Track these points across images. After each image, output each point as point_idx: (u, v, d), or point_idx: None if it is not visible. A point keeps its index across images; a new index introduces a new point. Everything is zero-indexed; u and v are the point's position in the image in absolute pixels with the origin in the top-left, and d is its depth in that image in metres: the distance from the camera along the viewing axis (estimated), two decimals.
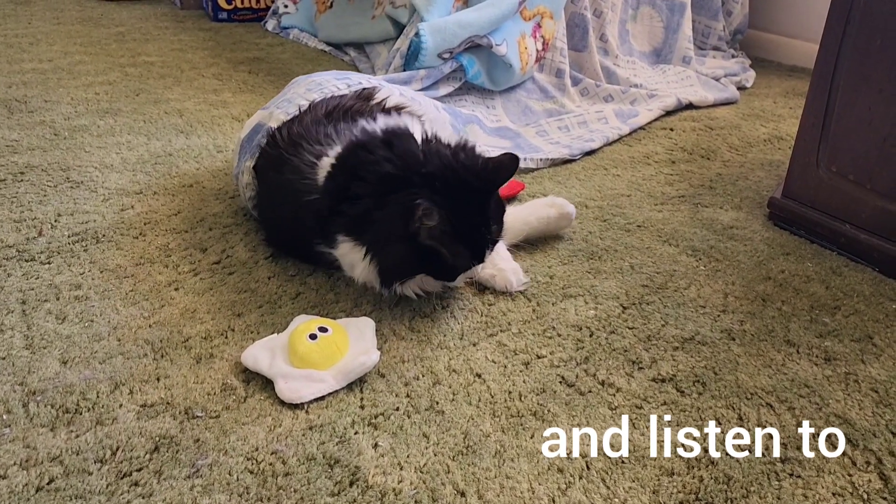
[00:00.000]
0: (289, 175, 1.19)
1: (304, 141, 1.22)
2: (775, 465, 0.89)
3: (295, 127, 1.27)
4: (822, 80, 1.42)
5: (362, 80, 1.48)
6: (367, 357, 1.01)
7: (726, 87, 2.46)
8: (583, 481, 0.86)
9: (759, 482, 0.86)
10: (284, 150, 1.23)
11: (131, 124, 1.92)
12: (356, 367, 1.00)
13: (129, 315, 1.13)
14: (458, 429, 0.93)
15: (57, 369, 1.00)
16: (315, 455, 0.87)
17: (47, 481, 0.82)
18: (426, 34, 1.97)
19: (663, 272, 1.32)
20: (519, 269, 1.26)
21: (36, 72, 2.31)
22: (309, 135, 1.23)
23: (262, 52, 2.77)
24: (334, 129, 1.23)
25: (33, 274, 1.22)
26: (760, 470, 0.88)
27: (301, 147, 1.21)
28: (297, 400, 0.96)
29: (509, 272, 1.24)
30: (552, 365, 1.06)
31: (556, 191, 1.65)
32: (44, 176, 1.57)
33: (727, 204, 1.62)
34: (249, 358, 1.01)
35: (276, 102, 1.43)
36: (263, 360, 1.00)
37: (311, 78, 1.49)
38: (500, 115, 2.05)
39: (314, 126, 1.25)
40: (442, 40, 1.98)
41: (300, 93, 1.40)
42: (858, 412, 0.98)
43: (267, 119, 1.35)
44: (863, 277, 1.32)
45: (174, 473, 0.84)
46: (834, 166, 1.42)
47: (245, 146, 1.37)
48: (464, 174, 1.11)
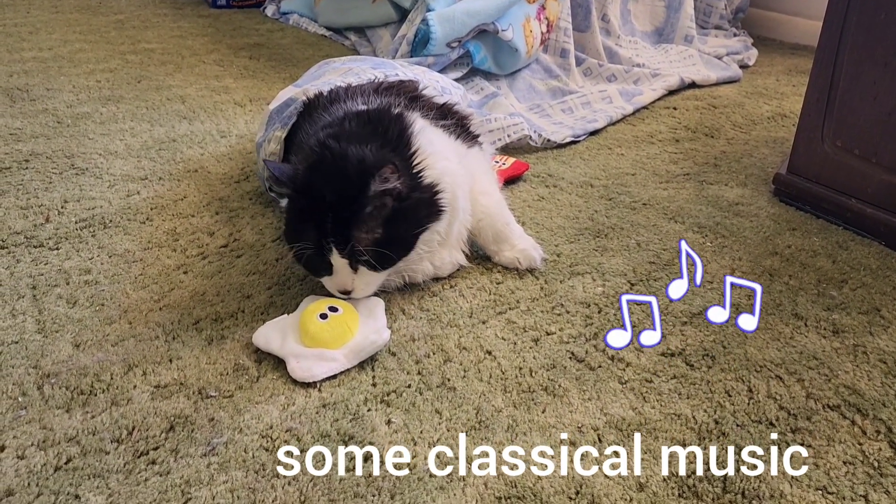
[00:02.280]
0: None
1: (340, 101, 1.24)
2: (786, 435, 0.90)
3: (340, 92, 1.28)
4: (826, 55, 1.41)
5: (398, 72, 1.48)
6: (377, 336, 1.01)
7: (729, 65, 2.46)
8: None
9: (770, 452, 0.87)
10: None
11: (134, 111, 1.91)
12: (367, 345, 1.00)
13: (140, 298, 1.13)
14: (470, 404, 0.93)
15: (70, 352, 1.00)
16: (329, 432, 0.88)
17: (65, 461, 0.82)
18: (435, 24, 1.97)
19: (670, 249, 1.32)
20: (536, 244, 1.27)
21: (36, 60, 2.31)
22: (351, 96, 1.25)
23: (263, 37, 2.76)
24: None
25: (42, 259, 1.22)
26: (771, 440, 0.89)
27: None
28: (310, 379, 0.96)
29: (531, 249, 1.24)
30: (562, 341, 1.06)
31: (561, 171, 1.65)
32: (48, 163, 1.57)
33: (732, 181, 1.62)
34: (261, 338, 1.01)
35: (307, 83, 1.44)
36: (275, 340, 1.00)
37: (345, 65, 1.50)
38: (506, 95, 2.05)
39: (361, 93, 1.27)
40: (451, 29, 1.98)
41: (335, 79, 1.41)
42: (867, 383, 0.99)
43: (300, 95, 1.36)
44: (869, 251, 1.32)
45: (190, 452, 0.84)
46: (839, 141, 1.42)
47: (274, 117, 1.37)
48: (342, 166, 1.03)
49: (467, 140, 1.31)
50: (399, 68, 1.53)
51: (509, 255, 1.24)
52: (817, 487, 0.82)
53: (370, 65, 1.51)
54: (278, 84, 2.17)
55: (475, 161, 1.29)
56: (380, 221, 1.02)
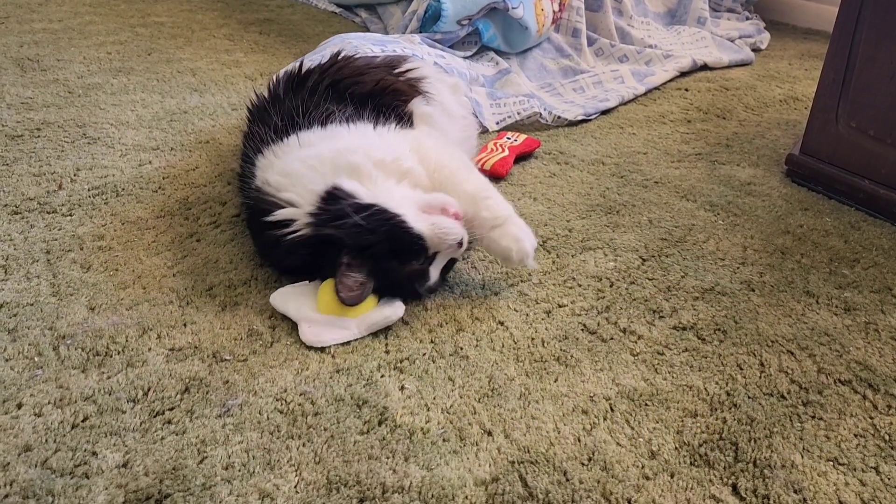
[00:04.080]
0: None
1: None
2: (797, 407, 0.90)
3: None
4: (842, 35, 1.40)
5: (397, 48, 1.48)
6: (391, 310, 1.02)
7: (741, 48, 2.44)
8: (607, 422, 0.87)
9: (781, 424, 0.87)
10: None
11: (144, 83, 1.91)
12: (380, 319, 1.01)
13: (153, 265, 1.13)
14: (483, 373, 0.94)
15: (85, 315, 1.01)
16: (343, 396, 0.89)
17: (82, 419, 0.83)
18: (447, 0, 1.95)
19: (682, 226, 1.32)
20: (532, 235, 1.09)
21: (46, 31, 2.30)
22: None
23: (273, 13, 2.74)
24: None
25: (56, 225, 1.22)
26: (783, 412, 0.89)
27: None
28: (318, 343, 0.97)
29: (526, 242, 1.07)
30: (573, 313, 1.07)
31: (572, 149, 1.64)
32: (60, 132, 1.57)
33: (744, 161, 1.62)
34: (279, 299, 1.02)
35: (309, 57, 1.44)
36: (292, 304, 1.01)
37: (347, 39, 1.49)
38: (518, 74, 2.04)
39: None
40: (462, 7, 1.97)
41: (332, 52, 1.40)
42: (879, 359, 0.99)
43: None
44: (881, 232, 1.32)
45: (205, 413, 0.85)
46: (854, 122, 1.41)
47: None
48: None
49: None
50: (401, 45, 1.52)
51: (505, 243, 1.06)
52: (828, 459, 0.83)
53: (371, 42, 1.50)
54: (289, 59, 2.17)
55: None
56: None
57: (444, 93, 1.40)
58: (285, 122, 1.15)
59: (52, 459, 0.78)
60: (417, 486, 0.77)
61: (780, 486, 0.79)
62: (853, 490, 0.79)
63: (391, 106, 1.24)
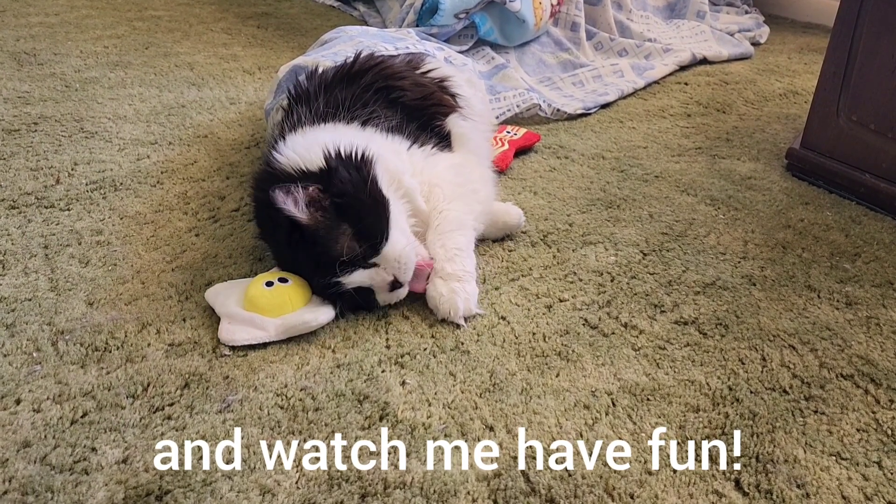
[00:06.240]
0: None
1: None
2: (799, 402, 0.90)
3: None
4: (843, 28, 1.40)
5: (409, 45, 1.47)
6: (312, 316, 0.98)
7: (741, 42, 2.43)
8: (609, 417, 0.86)
9: (784, 418, 0.87)
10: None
11: (142, 77, 1.90)
12: (298, 323, 0.97)
13: (152, 259, 1.13)
14: (484, 368, 0.94)
15: (83, 310, 1.00)
16: (344, 391, 0.88)
17: (81, 415, 0.83)
18: None
19: (682, 220, 1.32)
20: (475, 293, 1.04)
21: (43, 25, 2.29)
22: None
23: (270, 7, 2.73)
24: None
25: (53, 220, 1.22)
26: (785, 407, 0.89)
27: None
28: (230, 342, 0.95)
29: (460, 298, 1.01)
30: (575, 308, 1.06)
31: (572, 143, 1.64)
32: (57, 126, 1.56)
33: (744, 155, 1.61)
34: (211, 293, 1.02)
35: (319, 53, 1.43)
36: (220, 298, 1.00)
37: (356, 38, 1.49)
38: (515, 69, 2.03)
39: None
40: (460, 0, 1.96)
41: (347, 50, 1.39)
42: (881, 353, 0.99)
43: (310, 63, 1.35)
44: (882, 226, 1.32)
45: (206, 408, 0.85)
46: (854, 116, 1.41)
47: (283, 84, 1.37)
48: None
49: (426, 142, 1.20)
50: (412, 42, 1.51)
51: (440, 289, 1.02)
52: (831, 453, 0.83)
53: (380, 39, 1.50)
54: (287, 53, 2.16)
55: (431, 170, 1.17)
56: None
57: (472, 98, 1.36)
58: (328, 109, 1.15)
59: (51, 455, 0.77)
60: (419, 482, 0.77)
61: (783, 480, 0.79)
62: (856, 485, 0.79)
63: (433, 118, 1.23)
